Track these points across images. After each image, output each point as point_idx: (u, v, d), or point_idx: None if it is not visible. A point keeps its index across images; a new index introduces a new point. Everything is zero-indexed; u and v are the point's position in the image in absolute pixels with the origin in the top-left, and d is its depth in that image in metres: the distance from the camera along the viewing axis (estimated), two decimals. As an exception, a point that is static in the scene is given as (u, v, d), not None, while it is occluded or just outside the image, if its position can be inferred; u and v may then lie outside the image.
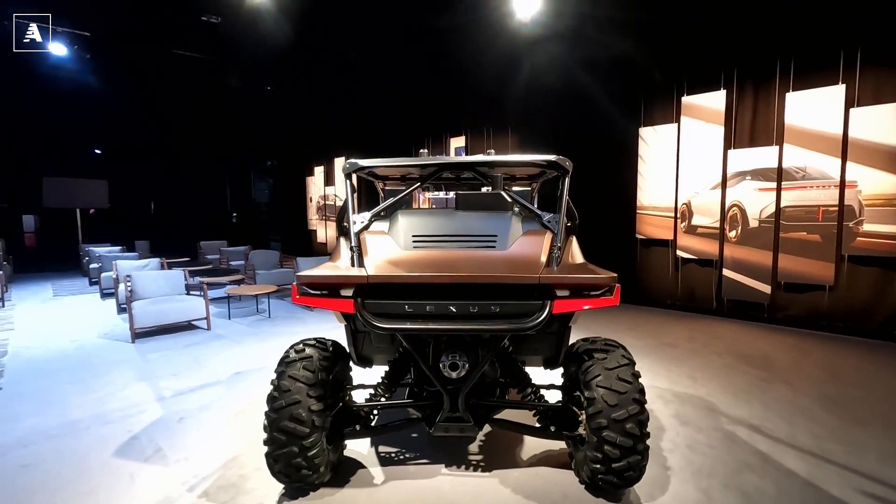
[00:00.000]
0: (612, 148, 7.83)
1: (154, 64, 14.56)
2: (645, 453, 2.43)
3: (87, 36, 13.05)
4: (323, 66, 12.79)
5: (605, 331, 6.04)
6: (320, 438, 2.49)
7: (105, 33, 13.04)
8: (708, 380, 4.30)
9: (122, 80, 14.89)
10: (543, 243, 2.71)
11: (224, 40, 13.05)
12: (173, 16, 11.92)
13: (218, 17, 11.74)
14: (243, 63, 14.94)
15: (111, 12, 12.02)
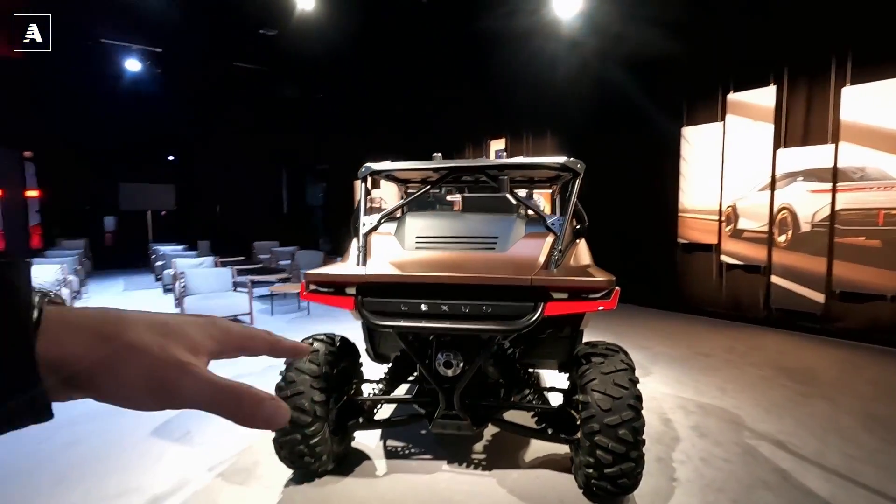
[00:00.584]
0: (653, 149, 7.58)
1: (218, 76, 15.59)
2: (639, 461, 2.38)
3: (159, 52, 14.18)
4: (366, 74, 13.20)
5: (636, 337, 5.86)
6: (322, 428, 2.63)
7: (176, 50, 14.09)
8: (739, 392, 4.08)
9: (189, 91, 16.09)
10: (543, 245, 2.72)
11: (280, 52, 13.79)
12: (235, 31, 12.69)
13: (275, 31, 12.42)
14: (297, 72, 15.71)
15: (181, 31, 12.95)
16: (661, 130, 7.39)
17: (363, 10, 11.14)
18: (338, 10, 11.16)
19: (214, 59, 14.73)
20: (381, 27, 11.48)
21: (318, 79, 15.60)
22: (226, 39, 13.30)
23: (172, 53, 14.02)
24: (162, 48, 13.99)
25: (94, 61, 13.68)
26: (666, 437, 3.28)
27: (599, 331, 6.16)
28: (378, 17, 11.33)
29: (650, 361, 4.93)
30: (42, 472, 2.90)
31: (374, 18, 11.40)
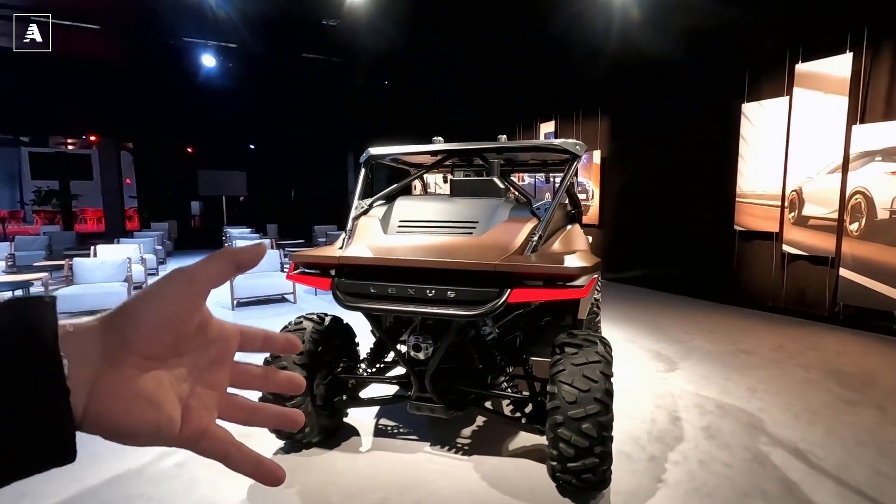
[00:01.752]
0: (709, 128, 6.98)
1: (287, 68, 16.39)
2: (605, 457, 2.27)
3: (234, 47, 15.14)
4: (418, 59, 13.25)
5: (674, 330, 5.51)
6: (304, 402, 2.76)
7: (248, 44, 14.96)
8: (771, 394, 3.73)
9: (261, 83, 17.07)
10: (521, 230, 2.63)
11: (343, 41, 14.25)
12: (301, 23, 13.17)
13: (336, 21, 12.83)
14: (359, 61, 16.14)
15: (253, 27, 13.68)
16: (719, 108, 6.78)
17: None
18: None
19: (283, 51, 15.41)
20: (435, 12, 11.46)
21: (379, 66, 15.88)
22: (293, 32, 13.86)
23: (246, 48, 14.93)
24: (236, 43, 14.97)
25: (177, 59, 14.91)
26: (669, 435, 3.09)
27: (634, 322, 5.88)
28: (431, 3, 11.33)
29: (681, 356, 4.63)
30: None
31: (426, 4, 11.42)
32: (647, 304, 7.02)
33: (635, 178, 8.31)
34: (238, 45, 15.36)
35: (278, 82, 17.14)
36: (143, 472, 2.71)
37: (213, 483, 2.61)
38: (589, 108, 9.09)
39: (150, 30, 13.33)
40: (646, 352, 4.79)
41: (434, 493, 2.51)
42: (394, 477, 2.65)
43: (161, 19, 12.80)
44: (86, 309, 6.12)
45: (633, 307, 6.78)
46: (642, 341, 5.14)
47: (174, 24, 13.12)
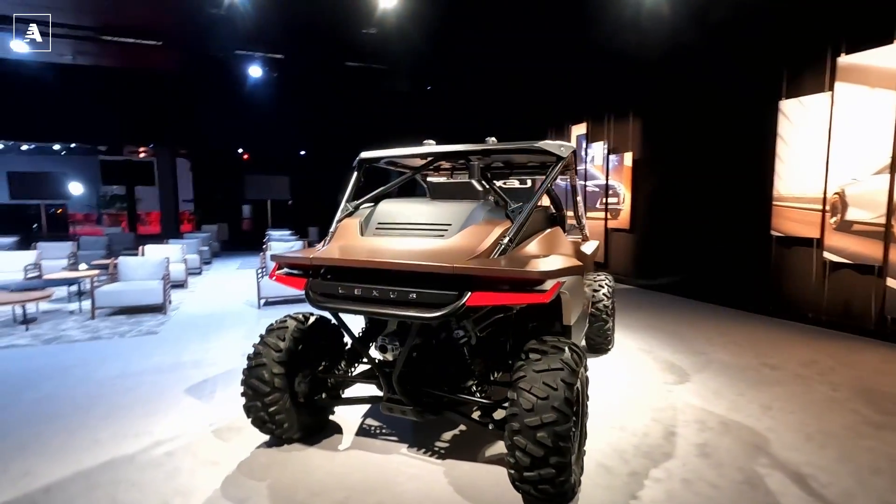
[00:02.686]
0: (744, 127, 6.58)
1: (331, 75, 16.93)
2: (563, 469, 2.18)
3: (280, 58, 15.83)
4: (453, 65, 13.31)
5: (696, 341, 5.22)
6: (281, 398, 2.84)
7: (293, 54, 15.57)
8: (786, 413, 3.45)
9: (306, 91, 17.74)
10: (491, 233, 2.59)
11: (382, 49, 14.60)
12: (342, 33, 13.50)
13: (375, 29, 13.17)
14: (397, 67, 16.46)
15: (298, 38, 14.18)
16: (755, 106, 6.38)
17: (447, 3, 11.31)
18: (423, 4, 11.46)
19: (327, 60, 15.89)
20: (468, 19, 11.51)
21: (418, 72, 16.07)
22: (335, 42, 14.25)
23: (291, 58, 15.58)
24: (283, 55, 15.66)
25: (228, 70, 15.77)
26: (658, 451, 2.93)
27: (656, 331, 5.63)
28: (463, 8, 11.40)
29: (697, 369, 4.37)
30: (97, 407, 3.56)
31: (458, 11, 11.50)
32: (674, 312, 6.69)
33: (667, 181, 7.96)
34: (284, 56, 16.08)
35: (322, 90, 17.74)
36: (134, 459, 2.88)
37: (193, 472, 2.73)
38: (620, 109, 8.80)
39: (205, 44, 14.18)
40: (659, 363, 4.57)
41: (398, 495, 2.51)
42: (363, 476, 2.68)
43: (215, 34, 13.59)
44: (125, 304, 6.59)
45: (658, 315, 6.47)
46: (658, 351, 4.90)
47: (226, 38, 13.88)
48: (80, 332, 5.75)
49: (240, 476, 2.69)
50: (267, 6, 11.23)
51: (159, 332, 5.77)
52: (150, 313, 6.67)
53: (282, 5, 11.31)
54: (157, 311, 6.78)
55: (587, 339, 4.77)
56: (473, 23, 11.72)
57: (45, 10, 12.84)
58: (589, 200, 9.71)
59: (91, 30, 13.55)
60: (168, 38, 13.74)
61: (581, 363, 2.45)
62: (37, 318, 6.42)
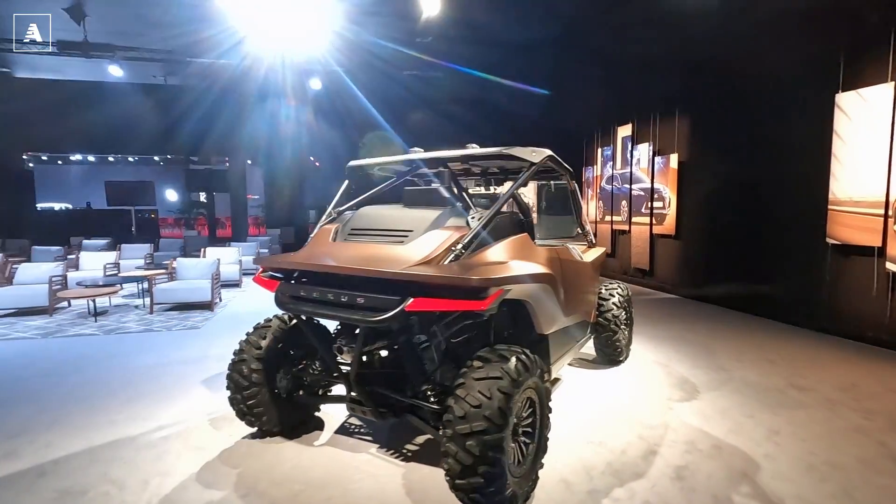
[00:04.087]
0: (797, 125, 6.00)
1: (394, 84, 17.53)
2: (492, 480, 2.16)
3: (342, 70, 16.61)
4: (500, 69, 13.27)
5: (721, 356, 4.85)
6: (259, 393, 3.03)
7: (356, 65, 16.23)
8: (795, 439, 3.13)
9: (366, 100, 18.47)
10: (445, 239, 2.61)
11: (437, 56, 14.96)
12: (397, 42, 13.92)
13: (428, 38, 13.50)
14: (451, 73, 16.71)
15: (357, 51, 14.77)
16: (808, 101, 5.81)
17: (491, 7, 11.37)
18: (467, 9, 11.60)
19: (386, 71, 16.41)
20: (512, 21, 11.48)
21: (469, 78, 16.20)
22: (393, 53, 14.68)
23: (353, 69, 16.33)
24: (342, 68, 16.46)
25: (292, 86, 16.81)
26: (630, 470, 2.78)
27: (682, 343, 5.31)
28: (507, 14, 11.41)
29: (712, 387, 4.07)
30: (123, 392, 3.99)
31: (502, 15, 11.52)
32: (711, 324, 6.23)
33: (714, 184, 7.42)
34: (344, 70, 16.88)
35: (382, 99, 18.37)
36: (136, 440, 3.20)
37: (179, 455, 2.99)
38: (666, 108, 8.34)
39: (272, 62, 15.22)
40: (671, 378, 4.30)
41: (348, 492, 2.59)
42: (324, 472, 2.79)
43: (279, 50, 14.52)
44: (178, 301, 7.26)
45: (691, 327, 6.06)
46: (676, 365, 4.61)
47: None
48: (137, 325, 6.42)
49: (217, 462, 2.91)
50: (328, 24, 11.87)
51: (201, 328, 6.30)
52: (200, 310, 7.30)
53: (343, 23, 11.90)
54: (206, 308, 7.39)
55: (598, 350, 4.60)
56: (516, 26, 11.67)
57: (138, 38, 14.43)
58: (634, 205, 9.27)
59: (174, 53, 15.04)
60: (240, 59, 14.93)
61: (527, 373, 2.40)
62: (107, 311, 7.25)
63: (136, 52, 14.50)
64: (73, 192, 25.81)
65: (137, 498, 2.54)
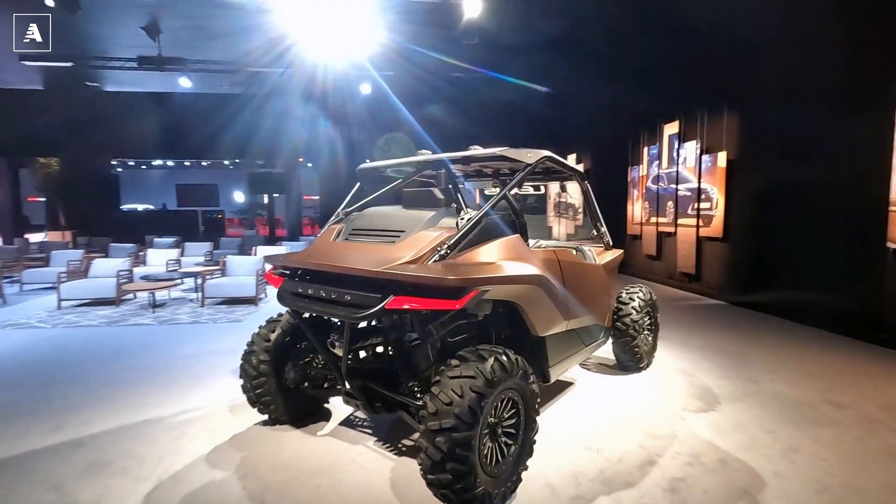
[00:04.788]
0: (854, 119, 5.50)
1: (440, 85, 17.76)
2: (460, 477, 2.19)
3: (391, 74, 17.07)
4: (546, 70, 13.06)
5: (755, 368, 4.57)
6: (267, 383, 3.22)
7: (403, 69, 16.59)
8: (814, 459, 2.90)
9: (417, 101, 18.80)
10: (431, 239, 2.66)
11: (483, 57, 15.04)
12: (449, 44, 13.99)
13: (475, 39, 13.60)
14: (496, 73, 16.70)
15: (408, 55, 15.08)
16: (866, 93, 5.31)
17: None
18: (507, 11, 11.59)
19: (437, 68, 16.55)
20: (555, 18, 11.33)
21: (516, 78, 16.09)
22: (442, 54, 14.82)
23: (401, 74, 16.72)
24: (392, 71, 16.89)
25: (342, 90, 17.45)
26: (621, 479, 2.70)
27: (716, 352, 5.05)
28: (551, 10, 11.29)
29: (736, 398, 3.84)
30: (160, 377, 4.36)
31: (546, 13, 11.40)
32: (752, 332, 5.85)
33: (765, 184, 6.94)
34: (394, 73, 17.31)
35: (432, 99, 18.63)
36: (161, 421, 3.50)
37: (194, 437, 3.24)
38: (714, 104, 7.89)
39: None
40: (693, 387, 4.09)
41: (337, 481, 2.71)
42: (318, 461, 2.93)
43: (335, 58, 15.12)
44: (226, 295, 7.78)
45: (730, 335, 5.72)
46: (701, 375, 4.38)
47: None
48: (188, 317, 6.95)
49: (226, 445, 3.13)
50: (377, 30, 12.24)
51: (243, 321, 6.73)
52: (245, 304, 7.77)
53: (390, 28, 12.23)
54: (251, 302, 7.86)
55: (616, 355, 4.47)
56: (559, 24, 11.48)
57: (205, 51, 15.51)
58: (680, 206, 8.84)
59: (236, 63, 16.04)
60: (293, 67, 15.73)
61: (505, 374, 2.40)
62: (165, 304, 7.89)
63: (203, 63, 15.66)
64: (152, 195, 28.25)
65: (151, 472, 2.80)
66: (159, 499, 2.55)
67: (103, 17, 12.14)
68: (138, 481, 2.71)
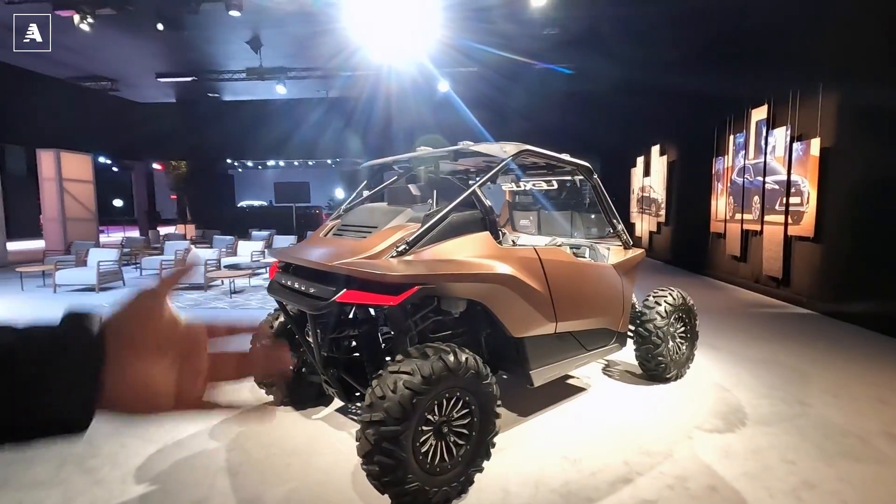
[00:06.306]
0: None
1: (520, 79, 17.56)
2: (386, 470, 2.23)
3: (474, 70, 17.21)
4: (629, 58, 12.23)
5: (816, 389, 3.97)
6: (268, 367, 3.50)
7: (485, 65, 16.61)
8: (831, 498, 2.47)
9: (494, 97, 18.73)
10: (392, 235, 2.71)
11: (562, 48, 14.63)
12: (529, 37, 13.78)
13: (556, 29, 13.27)
14: (582, 66, 16.08)
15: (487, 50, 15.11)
16: None
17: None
18: None
19: (516, 64, 16.37)
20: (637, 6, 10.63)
21: (599, 71, 15.32)
22: (523, 46, 14.63)
23: (482, 69, 16.78)
24: (476, 67, 17.00)
25: (419, 88, 17.90)
26: (581, 493, 2.54)
27: (770, 367, 4.52)
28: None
29: (767, 421, 3.38)
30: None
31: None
32: (832, 348, 5.04)
33: (866, 175, 5.90)
34: (477, 68, 17.42)
35: (511, 95, 18.45)
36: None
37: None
38: (808, 84, 6.85)
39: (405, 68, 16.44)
40: (721, 404, 3.66)
41: (307, 464, 2.88)
42: (300, 441, 3.13)
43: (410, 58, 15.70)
44: (291, 285, 8.43)
45: (798, 348, 4.99)
46: (739, 391, 3.90)
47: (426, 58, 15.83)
48: (256, 303, 7.68)
49: (231, 421, 3.43)
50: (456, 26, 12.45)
51: (301, 309, 7.26)
52: (308, 294, 8.37)
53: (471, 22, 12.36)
54: (314, 292, 8.45)
55: (639, 363, 4.14)
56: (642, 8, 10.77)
57: (307, 60, 16.81)
58: (767, 201, 7.82)
59: (329, 69, 17.22)
60: (378, 69, 16.51)
61: (448, 373, 2.37)
62: (244, 290, 8.78)
63: (300, 71, 17.06)
64: (263, 192, 31.41)
65: (161, 437, 3.19)
66: (156, 460, 2.92)
67: (215, 36, 13.75)
68: (148, 443, 3.12)
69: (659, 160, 12.82)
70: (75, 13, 10.17)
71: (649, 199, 13.71)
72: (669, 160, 12.22)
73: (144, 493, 2.59)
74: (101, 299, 7.92)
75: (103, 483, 2.68)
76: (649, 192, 13.71)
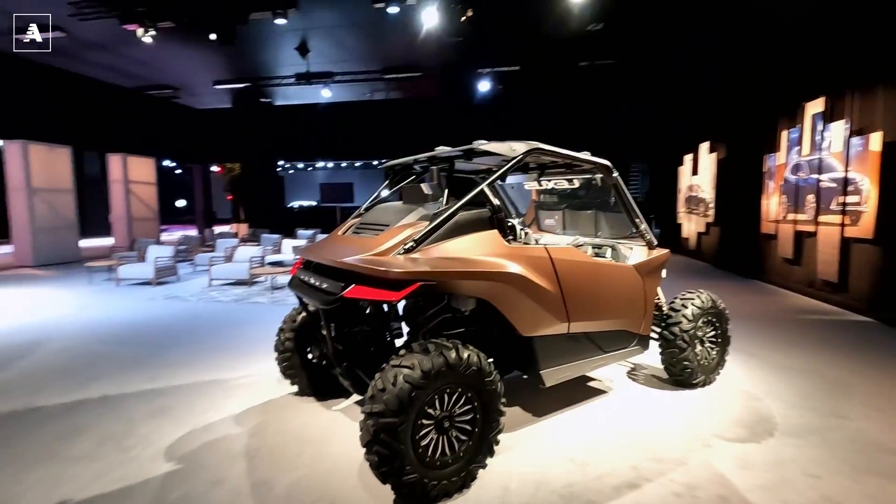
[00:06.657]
0: None
1: (566, 76, 17.28)
2: (386, 461, 2.31)
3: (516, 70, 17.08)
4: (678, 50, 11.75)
5: (858, 402, 3.72)
6: (292, 358, 3.67)
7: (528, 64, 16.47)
8: (853, 516, 2.33)
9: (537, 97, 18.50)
10: (401, 233, 2.78)
11: (607, 44, 14.29)
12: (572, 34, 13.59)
13: (600, 24, 13.02)
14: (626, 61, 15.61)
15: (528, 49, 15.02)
16: None
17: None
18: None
19: (561, 63, 16.12)
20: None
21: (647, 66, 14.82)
22: (566, 44, 14.41)
23: (526, 69, 16.62)
24: (519, 66, 16.88)
25: (465, 88, 17.96)
26: (583, 496, 2.51)
27: (811, 377, 4.30)
28: None
29: (794, 433, 3.19)
30: (239, 348, 5.18)
31: None
32: (883, 358, 4.66)
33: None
34: (520, 68, 17.31)
35: (554, 94, 18.17)
36: (223, 382, 4.20)
37: (239, 398, 3.84)
38: (869, 74, 6.36)
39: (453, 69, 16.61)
40: (747, 413, 3.49)
41: (319, 452, 3.00)
42: (314, 430, 3.27)
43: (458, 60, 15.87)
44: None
45: (849, 360, 4.65)
46: (770, 400, 3.70)
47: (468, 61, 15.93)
48: (293, 299, 8.00)
49: (256, 408, 3.66)
50: (497, 26, 12.47)
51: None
52: (345, 291, 8.63)
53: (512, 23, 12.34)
54: (350, 289, 8.70)
55: (664, 367, 4.01)
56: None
57: (346, 65, 17.32)
58: (822, 200, 7.32)
59: (377, 73, 17.61)
60: (426, 69, 16.71)
61: (448, 369, 2.41)
62: (285, 287, 9.16)
63: (345, 75, 17.56)
64: (313, 193, 32.55)
65: (192, 421, 3.43)
66: (185, 442, 3.14)
67: (265, 43, 14.43)
68: (180, 426, 3.36)
69: (708, 157, 12.25)
70: (139, 26, 11.00)
71: (697, 198, 13.11)
72: (719, 157, 11.66)
73: (170, 470, 2.80)
74: (156, 293, 8.50)
75: (136, 460, 2.92)
76: (697, 192, 13.12)
